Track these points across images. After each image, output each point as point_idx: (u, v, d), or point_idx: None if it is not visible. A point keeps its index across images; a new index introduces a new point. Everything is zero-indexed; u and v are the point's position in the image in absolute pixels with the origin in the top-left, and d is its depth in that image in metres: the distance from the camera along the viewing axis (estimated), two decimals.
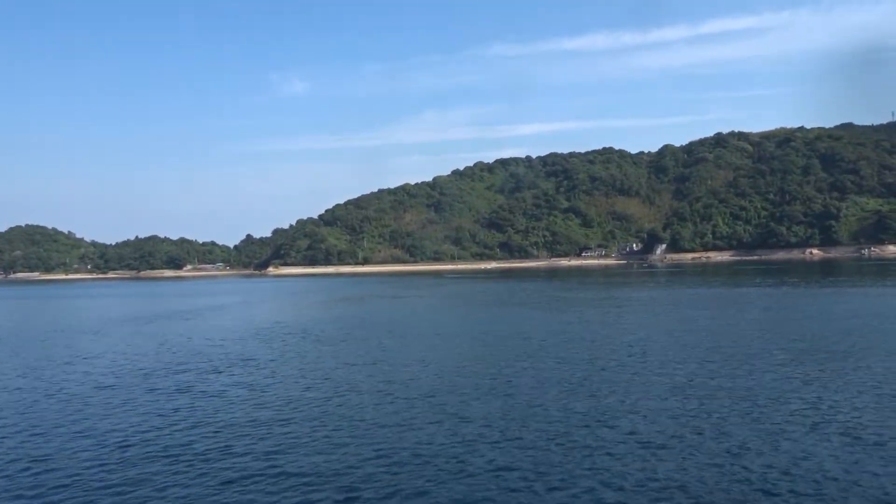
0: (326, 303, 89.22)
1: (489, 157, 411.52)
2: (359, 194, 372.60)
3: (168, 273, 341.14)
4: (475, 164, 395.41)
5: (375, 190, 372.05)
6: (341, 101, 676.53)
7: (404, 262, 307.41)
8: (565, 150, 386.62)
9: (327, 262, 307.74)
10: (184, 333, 53.37)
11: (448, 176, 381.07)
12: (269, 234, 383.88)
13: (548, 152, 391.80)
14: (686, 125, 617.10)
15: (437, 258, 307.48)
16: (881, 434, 19.30)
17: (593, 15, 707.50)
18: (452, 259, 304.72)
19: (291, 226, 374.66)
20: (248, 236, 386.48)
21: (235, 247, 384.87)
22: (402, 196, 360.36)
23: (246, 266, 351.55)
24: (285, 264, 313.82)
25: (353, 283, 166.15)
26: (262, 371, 33.74)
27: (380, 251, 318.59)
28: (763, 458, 17.72)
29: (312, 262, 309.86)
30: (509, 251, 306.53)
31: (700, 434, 19.96)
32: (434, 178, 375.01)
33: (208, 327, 58.15)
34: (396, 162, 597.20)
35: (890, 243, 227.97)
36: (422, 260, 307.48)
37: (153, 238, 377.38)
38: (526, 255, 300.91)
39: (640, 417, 22.11)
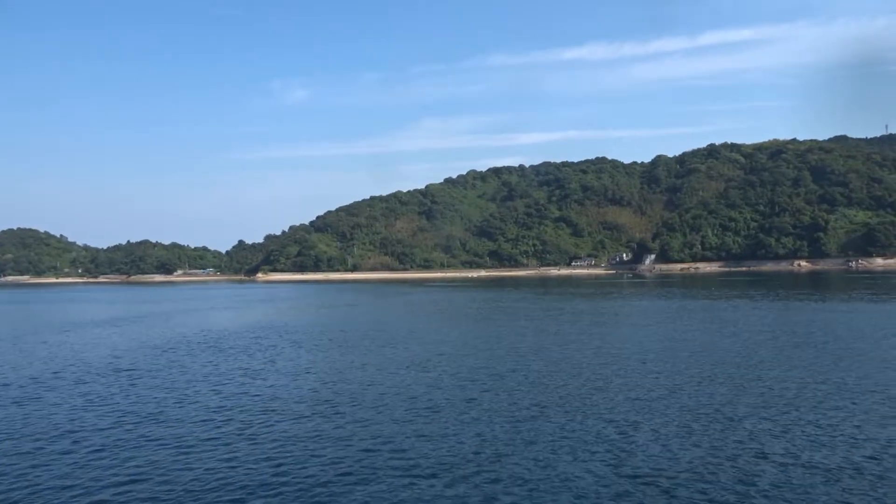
0: (277, 311, 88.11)
1: (486, 165, 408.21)
2: (359, 200, 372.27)
3: (158, 278, 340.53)
4: (468, 173, 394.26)
5: (368, 197, 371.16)
6: (342, 109, 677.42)
7: (394, 269, 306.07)
8: (567, 159, 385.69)
9: (316, 269, 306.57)
10: (92, 341, 52.62)
11: (440, 184, 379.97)
12: (261, 240, 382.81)
13: (541, 161, 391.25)
14: (685, 136, 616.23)
15: (426, 266, 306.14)
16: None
17: (593, 25, 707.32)
18: (442, 267, 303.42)
19: (284, 232, 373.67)
20: (241, 242, 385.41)
21: (227, 252, 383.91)
22: (394, 203, 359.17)
23: (237, 272, 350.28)
24: (274, 270, 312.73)
25: (331, 289, 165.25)
26: (120, 383, 32.82)
27: (369, 258, 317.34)
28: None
29: (301, 269, 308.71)
30: (499, 260, 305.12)
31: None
32: (426, 186, 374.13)
33: (125, 335, 57.22)
34: (398, 170, 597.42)
35: (878, 256, 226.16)
36: (411, 268, 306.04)
37: (144, 243, 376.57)
38: (516, 263, 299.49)
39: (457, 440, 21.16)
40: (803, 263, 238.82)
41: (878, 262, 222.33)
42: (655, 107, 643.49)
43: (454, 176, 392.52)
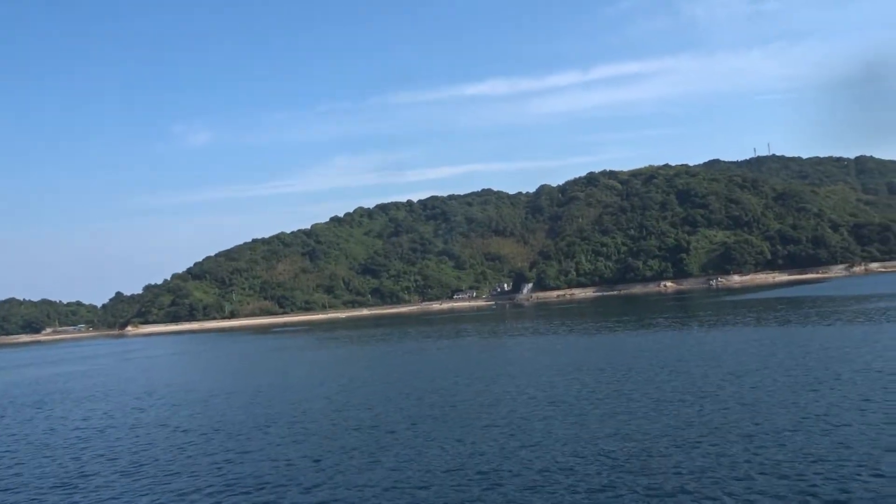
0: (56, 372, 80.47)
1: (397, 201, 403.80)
2: (241, 244, 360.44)
3: (24, 338, 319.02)
4: (355, 210, 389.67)
5: (249, 240, 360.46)
6: (247, 150, 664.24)
7: (274, 313, 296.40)
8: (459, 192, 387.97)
9: (192, 318, 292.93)
10: None
11: (326, 223, 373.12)
12: (140, 292, 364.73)
13: (428, 195, 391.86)
14: (587, 164, 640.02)
15: (308, 308, 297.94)
16: None
17: (493, 62, 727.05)
18: (324, 308, 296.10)
19: (166, 280, 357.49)
20: (118, 294, 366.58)
21: (104, 306, 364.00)
22: (277, 245, 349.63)
23: (111, 326, 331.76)
24: (146, 322, 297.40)
25: (182, 340, 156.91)
26: None
27: (248, 304, 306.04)
28: None
29: (176, 319, 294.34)
30: (381, 297, 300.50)
31: None
32: (312, 226, 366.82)
33: None
34: (305, 210, 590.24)
35: (735, 273, 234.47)
36: (292, 311, 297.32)
37: (10, 300, 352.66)
38: (398, 300, 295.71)
39: None
40: (669, 284, 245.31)
41: (736, 280, 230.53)
42: (553, 139, 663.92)
43: (341, 214, 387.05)
